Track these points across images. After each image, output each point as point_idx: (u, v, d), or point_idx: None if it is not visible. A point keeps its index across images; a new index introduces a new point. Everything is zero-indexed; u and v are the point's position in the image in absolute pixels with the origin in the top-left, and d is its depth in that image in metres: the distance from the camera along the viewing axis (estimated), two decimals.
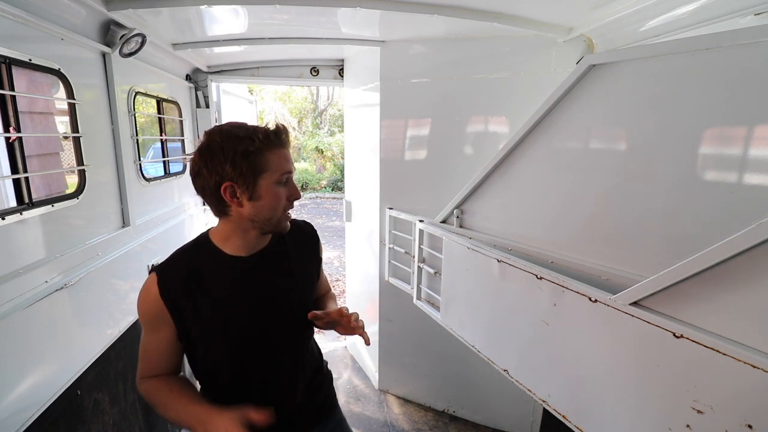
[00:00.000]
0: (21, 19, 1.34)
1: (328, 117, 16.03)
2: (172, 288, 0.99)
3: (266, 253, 1.10)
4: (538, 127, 1.47)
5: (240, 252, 1.06)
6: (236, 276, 1.05)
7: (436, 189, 2.54)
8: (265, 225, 1.03)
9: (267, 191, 0.98)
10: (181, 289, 1.00)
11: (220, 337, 1.03)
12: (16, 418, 1.26)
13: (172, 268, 1.02)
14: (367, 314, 3.22)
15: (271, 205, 1.00)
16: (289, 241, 1.16)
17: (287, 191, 1.02)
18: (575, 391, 1.28)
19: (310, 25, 2.32)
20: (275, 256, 1.12)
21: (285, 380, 1.14)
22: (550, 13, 2.00)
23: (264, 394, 1.11)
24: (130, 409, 2.02)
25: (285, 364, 1.14)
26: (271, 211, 1.01)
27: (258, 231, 1.05)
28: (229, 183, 0.96)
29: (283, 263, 1.13)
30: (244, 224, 1.03)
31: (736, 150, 0.97)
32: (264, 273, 1.09)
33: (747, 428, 0.84)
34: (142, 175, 2.25)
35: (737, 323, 0.86)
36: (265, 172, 0.97)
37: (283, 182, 1.01)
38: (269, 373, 1.11)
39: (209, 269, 1.03)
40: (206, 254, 1.05)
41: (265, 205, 1.00)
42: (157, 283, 0.99)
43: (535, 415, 2.65)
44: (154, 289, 0.98)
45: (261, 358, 1.08)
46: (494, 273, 1.61)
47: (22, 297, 1.33)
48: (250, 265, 1.07)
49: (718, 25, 1.57)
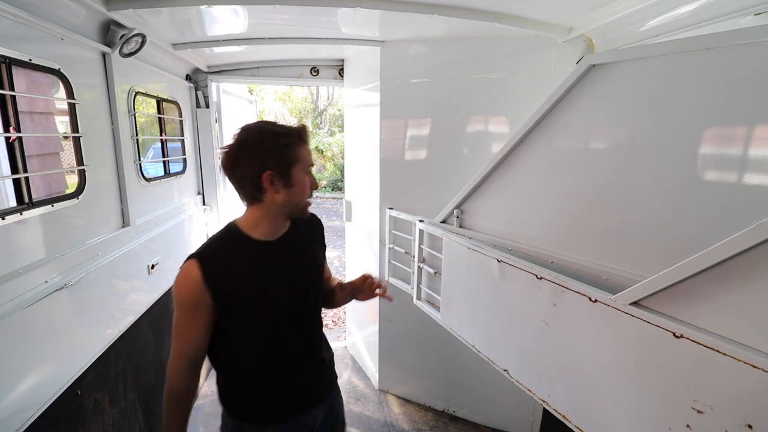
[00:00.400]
0: (21, 19, 1.34)
1: (328, 117, 16.03)
2: (214, 274, 1.08)
3: (287, 238, 1.22)
4: (538, 127, 1.47)
5: (267, 237, 1.18)
6: (267, 259, 1.17)
7: (436, 189, 2.54)
8: (293, 210, 1.16)
9: (298, 180, 1.12)
10: (222, 275, 1.09)
11: (262, 315, 1.15)
12: (16, 418, 1.26)
13: (211, 254, 1.12)
14: (367, 314, 3.22)
15: (301, 191, 1.14)
16: (302, 228, 1.29)
17: (311, 180, 1.17)
18: (575, 391, 1.28)
19: (310, 25, 2.32)
20: (294, 241, 1.24)
21: (311, 349, 1.29)
22: (550, 13, 2.00)
23: (294, 364, 1.24)
24: (130, 409, 2.02)
25: (310, 335, 1.29)
26: (301, 197, 1.15)
27: (285, 216, 1.18)
28: (270, 172, 1.08)
29: (300, 247, 1.26)
30: (275, 210, 1.14)
31: (736, 150, 0.97)
32: (289, 255, 1.21)
33: (747, 428, 0.84)
34: (142, 175, 2.25)
35: (737, 323, 0.86)
36: (297, 163, 1.11)
37: (308, 173, 1.16)
38: (300, 343, 1.25)
39: (243, 254, 1.14)
40: (238, 241, 1.16)
41: (296, 191, 1.13)
42: (200, 269, 1.07)
43: (535, 415, 2.65)
44: (196, 274, 1.07)
45: (294, 331, 1.22)
46: (494, 273, 1.61)
47: (22, 297, 1.33)
48: (277, 248, 1.19)
49: (718, 25, 1.57)
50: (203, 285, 1.06)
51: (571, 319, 1.28)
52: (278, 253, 1.19)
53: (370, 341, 3.22)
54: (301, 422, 1.28)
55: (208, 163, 3.29)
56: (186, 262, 1.10)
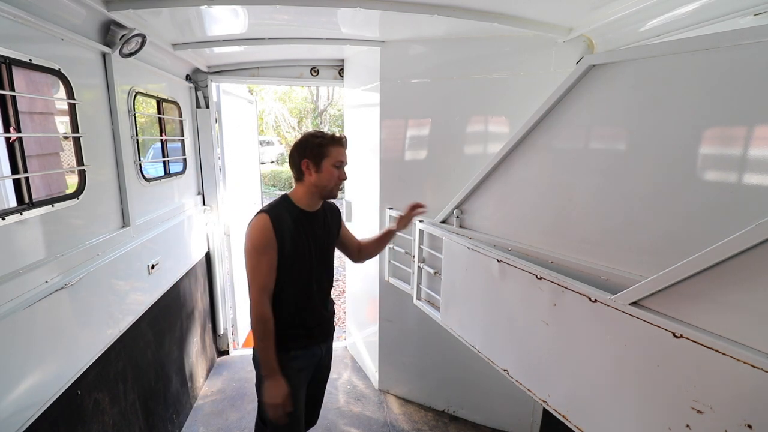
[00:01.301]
0: (21, 19, 1.34)
1: (328, 117, 16.03)
2: (278, 226, 1.53)
3: (319, 213, 1.70)
4: (538, 127, 1.47)
5: (306, 208, 1.64)
6: (306, 224, 1.63)
7: (436, 189, 2.54)
8: (323, 191, 1.61)
9: (326, 169, 1.58)
10: (282, 228, 1.54)
11: (299, 263, 1.59)
12: (16, 418, 1.26)
13: (276, 212, 1.56)
14: (367, 314, 3.22)
15: (328, 178, 1.59)
16: (327, 210, 1.77)
17: (338, 173, 1.61)
18: (575, 391, 1.28)
19: (310, 25, 2.32)
20: (322, 216, 1.72)
21: (324, 298, 1.77)
22: (550, 13, 2.00)
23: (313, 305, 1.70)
24: (130, 409, 2.02)
25: (324, 287, 1.76)
26: (328, 182, 1.60)
27: (318, 195, 1.63)
28: (306, 159, 1.58)
29: (325, 222, 1.73)
30: (311, 189, 1.61)
31: (736, 150, 0.97)
32: (318, 225, 1.68)
33: (747, 428, 0.84)
34: (142, 175, 2.25)
35: (737, 323, 0.86)
36: (326, 157, 1.58)
37: (337, 166, 1.60)
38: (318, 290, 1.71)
39: (294, 217, 1.60)
40: (290, 207, 1.62)
41: (324, 177, 1.59)
42: (270, 219, 1.52)
43: (535, 415, 2.65)
44: (268, 223, 1.51)
45: (315, 280, 1.68)
46: (494, 273, 1.61)
47: (23, 297, 1.33)
48: (312, 218, 1.66)
49: (718, 25, 1.57)
50: (272, 230, 1.51)
51: (571, 319, 1.28)
52: (313, 221, 1.65)
53: (370, 341, 3.22)
54: (312, 352, 1.73)
55: (208, 164, 3.29)
56: (257, 216, 1.55)
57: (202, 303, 3.22)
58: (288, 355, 1.64)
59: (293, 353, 1.66)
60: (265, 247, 1.51)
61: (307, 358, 1.71)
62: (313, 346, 1.73)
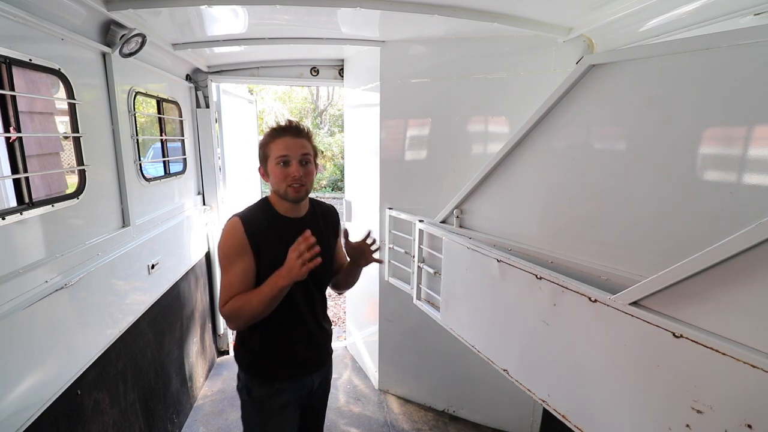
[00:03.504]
0: (21, 19, 1.34)
1: (328, 117, 16.03)
2: (252, 230, 1.33)
3: (307, 219, 1.46)
4: (538, 127, 1.47)
5: (288, 214, 1.42)
6: (289, 231, 1.37)
7: (436, 189, 2.54)
8: (281, 195, 1.38)
9: (272, 170, 1.36)
10: (257, 233, 1.33)
11: None
12: (16, 418, 1.26)
13: (250, 216, 1.37)
14: (367, 314, 3.22)
15: (275, 180, 1.36)
16: (319, 215, 1.52)
17: (284, 171, 1.34)
18: (575, 391, 1.28)
19: (310, 25, 2.32)
20: (313, 222, 1.47)
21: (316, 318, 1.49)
22: (550, 14, 2.00)
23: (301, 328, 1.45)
24: (130, 409, 2.02)
25: (316, 306, 1.48)
26: (277, 185, 1.37)
27: (286, 201, 1.39)
28: (260, 166, 1.42)
29: (316, 229, 1.42)
30: (276, 194, 1.40)
31: (735, 150, 0.97)
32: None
33: (747, 428, 0.84)
34: (142, 175, 2.25)
35: (737, 323, 0.86)
36: (269, 156, 1.37)
37: (281, 164, 1.34)
38: (308, 309, 1.45)
39: (270, 222, 1.39)
40: (268, 212, 1.41)
41: (273, 180, 1.37)
42: (242, 224, 1.33)
43: (535, 415, 2.65)
44: (240, 228, 1.32)
45: (303, 298, 1.42)
46: (494, 273, 1.61)
47: (23, 297, 1.33)
48: (296, 225, 1.40)
49: (718, 25, 1.57)
50: (245, 236, 1.31)
51: (571, 319, 1.28)
52: (297, 228, 1.36)
53: (370, 341, 3.22)
54: (302, 383, 1.48)
55: (208, 163, 3.29)
56: (230, 220, 1.36)
57: (202, 303, 3.22)
58: (271, 388, 1.42)
59: (277, 386, 1.43)
60: (239, 253, 1.31)
61: (295, 391, 1.47)
62: (302, 377, 1.48)
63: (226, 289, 1.31)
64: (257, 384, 1.44)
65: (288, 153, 1.33)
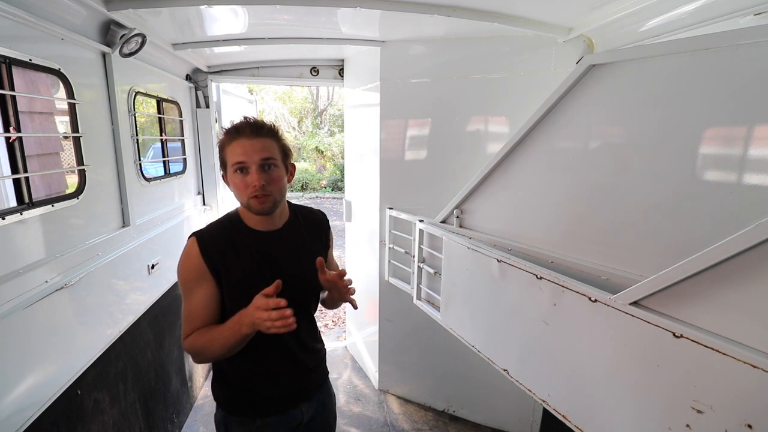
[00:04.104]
0: (21, 19, 1.34)
1: (328, 117, 16.03)
2: (210, 250, 1.14)
3: (285, 231, 1.26)
4: (538, 127, 1.47)
5: (259, 227, 1.21)
6: (260, 247, 1.20)
7: (436, 189, 2.54)
8: (246, 208, 1.18)
9: (231, 179, 1.15)
10: (216, 252, 1.14)
11: (247, 298, 1.07)
12: (16, 418, 1.26)
13: (209, 234, 1.18)
14: (367, 314, 3.22)
15: (235, 190, 1.15)
16: (303, 223, 1.32)
17: (243, 179, 1.12)
18: (575, 391, 1.28)
19: (310, 25, 2.32)
20: (292, 235, 1.27)
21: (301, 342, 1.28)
22: (550, 13, 2.00)
23: (282, 356, 1.25)
24: (130, 409, 2.02)
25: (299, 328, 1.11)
26: (240, 196, 1.15)
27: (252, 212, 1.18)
28: (222, 173, 1.19)
29: (298, 241, 1.28)
30: None
31: (736, 150, 0.97)
32: (284, 247, 1.24)
33: (747, 428, 0.84)
34: (142, 175, 2.25)
35: (737, 323, 0.86)
36: (227, 163, 1.15)
37: (238, 171, 1.12)
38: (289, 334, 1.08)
39: (239, 239, 1.18)
40: (236, 226, 1.21)
41: (234, 191, 1.16)
42: (198, 244, 1.14)
43: (535, 415, 2.65)
44: (195, 249, 1.13)
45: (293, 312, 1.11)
46: (494, 273, 1.61)
47: (22, 297, 1.33)
48: (270, 239, 1.22)
49: (718, 25, 1.57)
50: (201, 258, 1.12)
51: (571, 319, 1.28)
52: (270, 243, 1.21)
53: (370, 341, 3.22)
54: (289, 416, 1.29)
55: (208, 163, 3.29)
56: (188, 241, 1.17)
57: None
58: (251, 426, 1.24)
59: (259, 423, 1.24)
60: (195, 279, 1.13)
61: (281, 426, 1.28)
62: (288, 409, 1.28)
63: (186, 321, 1.15)
64: (235, 423, 1.25)
65: (244, 159, 1.10)
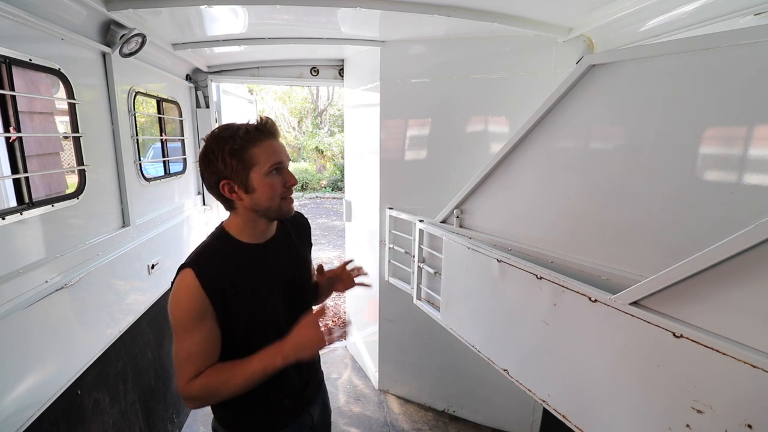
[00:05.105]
0: (21, 19, 1.34)
1: (328, 117, 16.02)
2: (212, 279, 1.02)
3: (277, 240, 1.21)
4: (538, 127, 1.47)
5: (254, 240, 1.15)
6: (258, 262, 1.14)
7: (436, 189, 2.54)
8: (269, 213, 1.10)
9: (260, 183, 1.05)
10: (219, 279, 1.04)
11: (260, 317, 1.11)
12: (16, 418, 1.26)
13: (205, 261, 1.06)
14: (367, 314, 3.22)
15: (267, 195, 1.07)
16: (290, 227, 1.28)
17: (282, 179, 1.08)
18: (575, 391, 1.28)
19: (310, 25, 2.32)
20: (284, 242, 1.23)
21: None
22: (550, 13, 1.99)
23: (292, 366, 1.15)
24: (130, 409, 2.02)
25: None
26: (269, 201, 1.08)
27: (266, 219, 1.13)
28: (225, 180, 1.05)
29: (290, 248, 1.25)
30: (251, 215, 1.10)
31: (736, 150, 0.97)
32: (279, 257, 1.19)
33: (747, 428, 0.84)
34: (142, 175, 2.25)
35: (737, 323, 0.86)
36: (254, 166, 1.04)
37: (275, 172, 1.06)
38: None
39: (234, 258, 1.10)
40: (229, 246, 1.12)
41: (261, 195, 1.06)
42: (197, 277, 1.01)
43: (535, 415, 2.65)
44: (194, 283, 1.01)
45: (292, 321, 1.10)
46: (494, 273, 1.61)
47: (22, 297, 1.33)
48: (266, 251, 1.16)
49: (718, 25, 1.57)
50: (203, 292, 1.00)
51: (571, 319, 1.28)
52: (268, 255, 1.16)
53: (370, 341, 3.22)
54: (301, 423, 1.27)
55: None
56: (180, 273, 1.03)
57: None
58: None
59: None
60: (197, 318, 1.01)
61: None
62: (300, 414, 1.28)
63: (186, 363, 1.02)
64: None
65: (284, 159, 1.07)
